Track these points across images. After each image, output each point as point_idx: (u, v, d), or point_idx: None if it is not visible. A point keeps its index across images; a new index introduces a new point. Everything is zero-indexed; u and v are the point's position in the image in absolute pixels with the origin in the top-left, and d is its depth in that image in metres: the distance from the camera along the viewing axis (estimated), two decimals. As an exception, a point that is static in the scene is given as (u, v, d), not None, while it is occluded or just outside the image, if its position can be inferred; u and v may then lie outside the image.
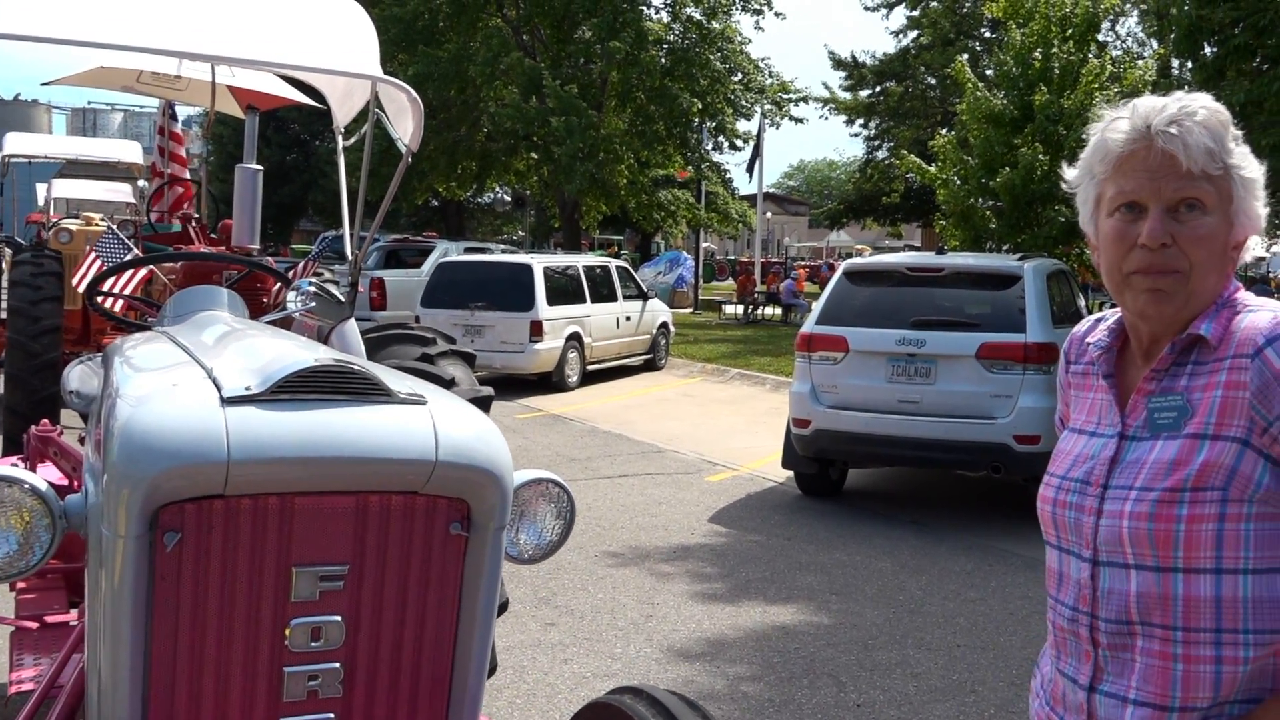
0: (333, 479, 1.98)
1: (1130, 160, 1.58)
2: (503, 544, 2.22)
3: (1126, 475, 1.59)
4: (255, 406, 1.96)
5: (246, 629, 1.99)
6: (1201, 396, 1.55)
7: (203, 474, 1.88)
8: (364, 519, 2.03)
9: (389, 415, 2.04)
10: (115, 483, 1.89)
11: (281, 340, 2.50)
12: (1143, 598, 1.54)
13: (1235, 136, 1.59)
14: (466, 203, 40.46)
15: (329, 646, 2.05)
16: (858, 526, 7.97)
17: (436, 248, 19.99)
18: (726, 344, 21.21)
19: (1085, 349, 1.79)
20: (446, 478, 2.05)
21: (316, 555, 2.01)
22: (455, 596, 2.16)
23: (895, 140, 35.74)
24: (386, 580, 2.08)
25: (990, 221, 17.46)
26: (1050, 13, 16.91)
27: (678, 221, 30.50)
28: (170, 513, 1.90)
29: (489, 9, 25.93)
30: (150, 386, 2.11)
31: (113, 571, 1.92)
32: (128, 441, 1.90)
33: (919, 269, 8.57)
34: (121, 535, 1.88)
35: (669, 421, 12.73)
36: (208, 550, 1.94)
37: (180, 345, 2.53)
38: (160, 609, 1.94)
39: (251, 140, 7.82)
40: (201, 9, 3.32)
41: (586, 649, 5.32)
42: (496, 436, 2.17)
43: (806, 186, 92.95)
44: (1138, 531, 1.54)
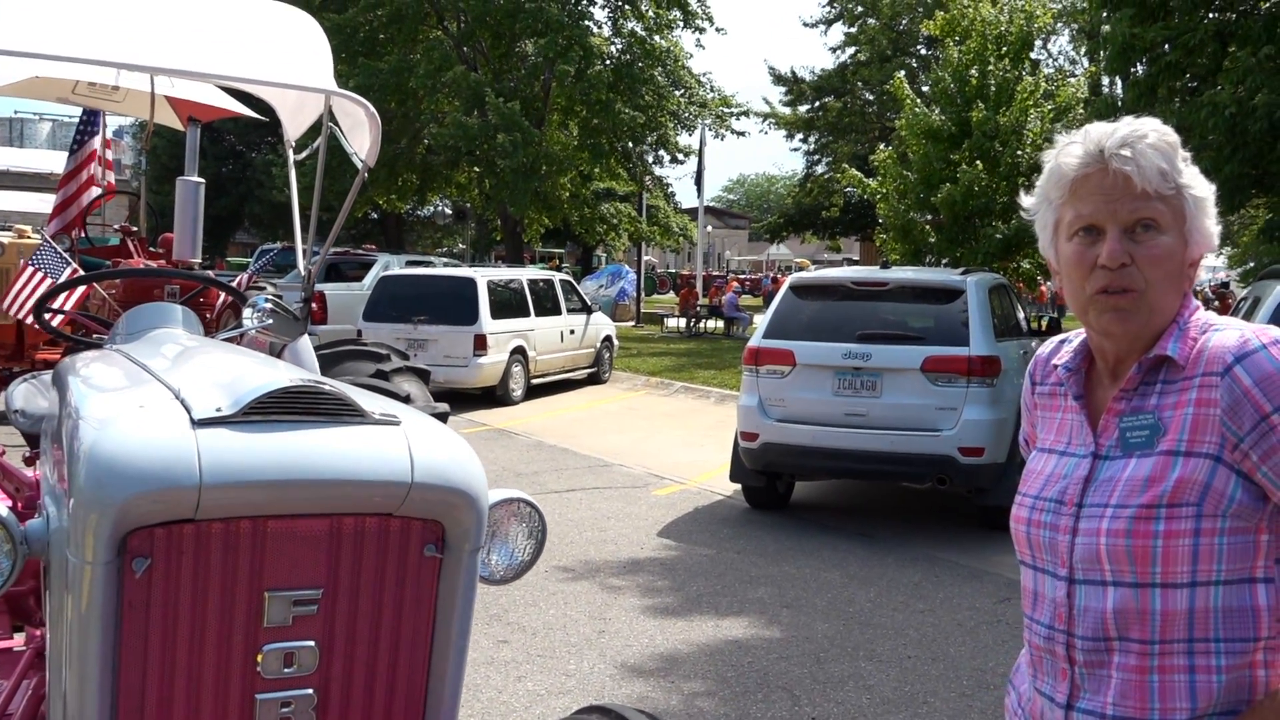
0: (307, 502, 1.94)
1: (1085, 184, 1.62)
2: (477, 566, 2.19)
3: (1101, 493, 1.61)
4: (227, 428, 1.91)
5: (218, 655, 1.94)
6: (1173, 414, 1.58)
7: (174, 498, 1.83)
8: (338, 542, 1.99)
9: (363, 436, 2.01)
10: (83, 508, 1.84)
11: (247, 359, 2.45)
12: (1120, 613, 1.56)
13: (1184, 158, 1.63)
14: (406, 215, 40.13)
15: (302, 672, 2.01)
16: (806, 539, 8.01)
17: (378, 261, 19.79)
18: (670, 357, 21.25)
19: (1051, 370, 1.81)
20: (421, 499, 2.02)
21: (289, 579, 1.97)
22: (430, 620, 2.12)
23: (834, 155, 36.16)
24: (360, 604, 2.04)
25: (929, 236, 17.72)
26: (986, 31, 17.23)
27: (620, 235, 30.53)
28: (139, 538, 1.85)
29: (429, 21, 25.80)
30: (116, 407, 2.06)
31: (79, 598, 1.86)
32: (95, 465, 1.85)
33: (864, 283, 8.65)
34: (89, 561, 1.83)
35: (615, 435, 12.72)
36: (178, 576, 1.89)
37: (140, 364, 2.46)
38: (128, 636, 1.88)
39: (193, 152, 7.70)
40: (155, 21, 3.26)
41: (540, 666, 5.28)
42: (471, 457, 2.14)
43: (746, 200, 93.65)
44: (1115, 548, 1.56)
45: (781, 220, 42.69)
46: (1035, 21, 17.55)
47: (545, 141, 23.84)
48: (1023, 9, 17.71)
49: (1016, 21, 17.31)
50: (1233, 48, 11.14)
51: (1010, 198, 16.78)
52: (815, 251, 64.05)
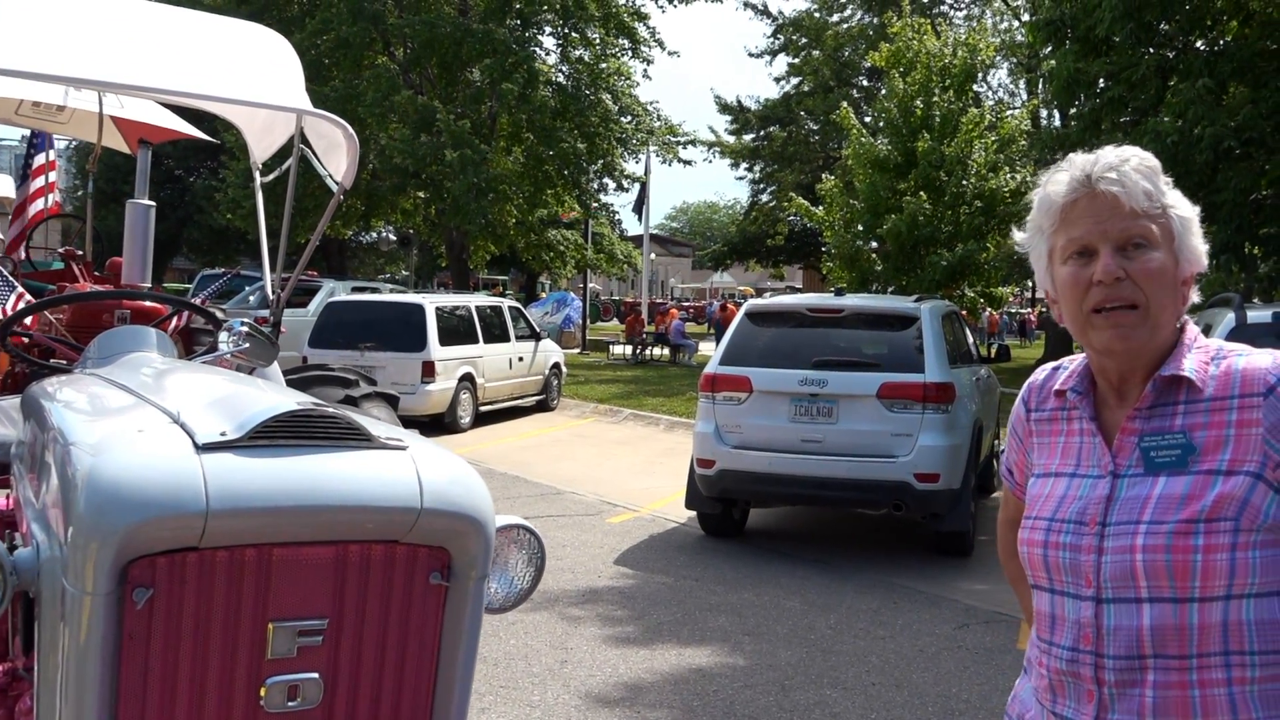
0: (315, 528, 1.88)
1: (1075, 209, 1.65)
2: (484, 594, 2.14)
3: (1128, 511, 1.61)
4: (233, 453, 1.85)
5: (220, 689, 1.87)
6: (1207, 435, 1.59)
7: (179, 525, 1.76)
8: (344, 570, 1.94)
9: (372, 461, 1.96)
10: (82, 536, 1.76)
11: (244, 383, 2.38)
12: (1158, 630, 1.56)
13: (1167, 181, 1.67)
14: (349, 241, 39.78)
15: (306, 706, 1.94)
16: (763, 566, 8.00)
17: (323, 287, 19.56)
18: (618, 384, 21.22)
19: (1048, 396, 1.83)
20: (430, 526, 1.97)
21: (295, 609, 1.90)
22: (434, 650, 2.07)
23: (779, 183, 36.48)
24: (365, 634, 1.98)
25: (876, 264, 17.92)
26: (931, 63, 17.52)
27: (566, 262, 30.50)
28: (141, 567, 1.77)
29: (375, 47, 25.67)
30: (111, 432, 1.98)
31: (78, 630, 1.78)
32: (96, 492, 1.77)
33: (819, 310, 8.69)
34: (89, 592, 1.75)
35: (566, 463, 12.64)
36: (180, 606, 1.82)
37: (125, 388, 2.38)
38: (128, 669, 1.81)
39: (144, 175, 7.54)
40: (123, 39, 3.19)
41: (504, 697, 5.20)
42: (479, 483, 2.09)
43: (690, 228, 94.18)
44: (1154, 564, 1.56)
45: (725, 248, 42.96)
46: (978, 55, 17.90)
47: (492, 165, 23.77)
48: (966, 42, 18.06)
49: (960, 54, 17.63)
50: (1173, 81, 11.43)
51: (955, 227, 17.06)
52: (759, 279, 64.52)
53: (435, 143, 22.95)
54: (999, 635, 6.44)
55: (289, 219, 3.70)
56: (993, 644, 6.27)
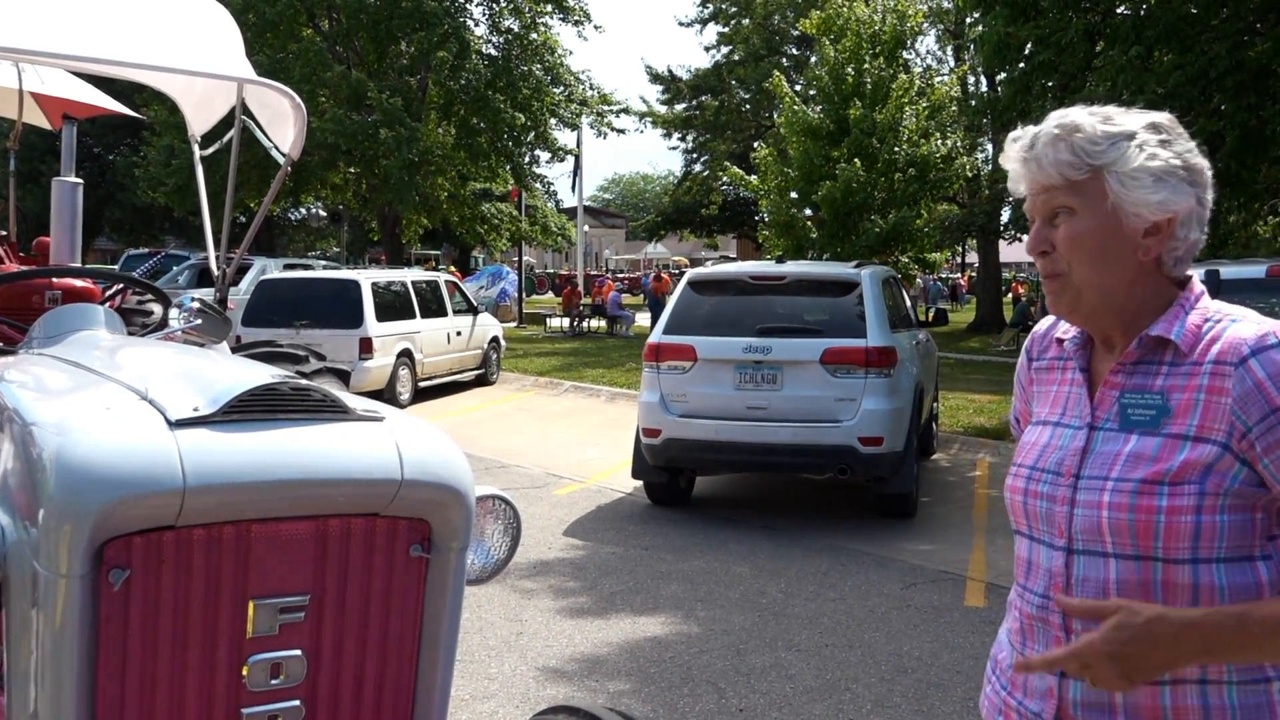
0: (294, 503, 1.84)
1: (1024, 180, 1.71)
2: (465, 565, 2.11)
3: (1099, 465, 1.64)
4: (208, 429, 1.80)
5: (201, 669, 1.83)
6: (1181, 398, 1.61)
7: (156, 504, 1.71)
8: (324, 545, 1.90)
9: (350, 433, 1.92)
10: (54, 517, 1.70)
11: (209, 359, 2.31)
12: (1122, 584, 1.59)
13: (1106, 135, 1.62)
14: (279, 218, 39.10)
15: (290, 683, 1.91)
16: (711, 533, 8.04)
17: (254, 264, 19.23)
18: (556, 357, 21.16)
19: (1050, 344, 1.85)
20: (410, 498, 1.94)
21: (275, 586, 1.86)
22: (416, 622, 2.04)
23: (712, 153, 36.50)
24: (347, 609, 1.95)
25: (811, 231, 18.02)
26: (861, 30, 17.60)
27: (500, 235, 30.28)
28: (116, 548, 1.72)
29: (299, 19, 25.16)
30: (76, 411, 1.92)
31: (52, 614, 1.73)
32: (67, 472, 1.71)
33: (761, 277, 8.72)
34: (63, 574, 1.70)
35: (509, 436, 12.59)
36: (158, 587, 1.77)
37: (82, 366, 2.30)
38: (106, 652, 1.76)
39: (69, 152, 7.31)
40: (49, 7, 3.07)
41: (461, 670, 5.16)
42: (457, 453, 2.06)
43: (622, 199, 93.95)
44: (1118, 522, 1.58)
45: (659, 219, 42.94)
46: (907, 21, 18.01)
47: (424, 139, 23.48)
48: (895, 9, 18.16)
49: (890, 21, 17.73)
50: (1100, 46, 11.57)
51: (889, 193, 17.20)
52: (692, 249, 64.61)
53: (367, 121, 22.60)
54: (946, 594, 6.55)
55: (231, 194, 3.62)
56: (940, 602, 6.37)
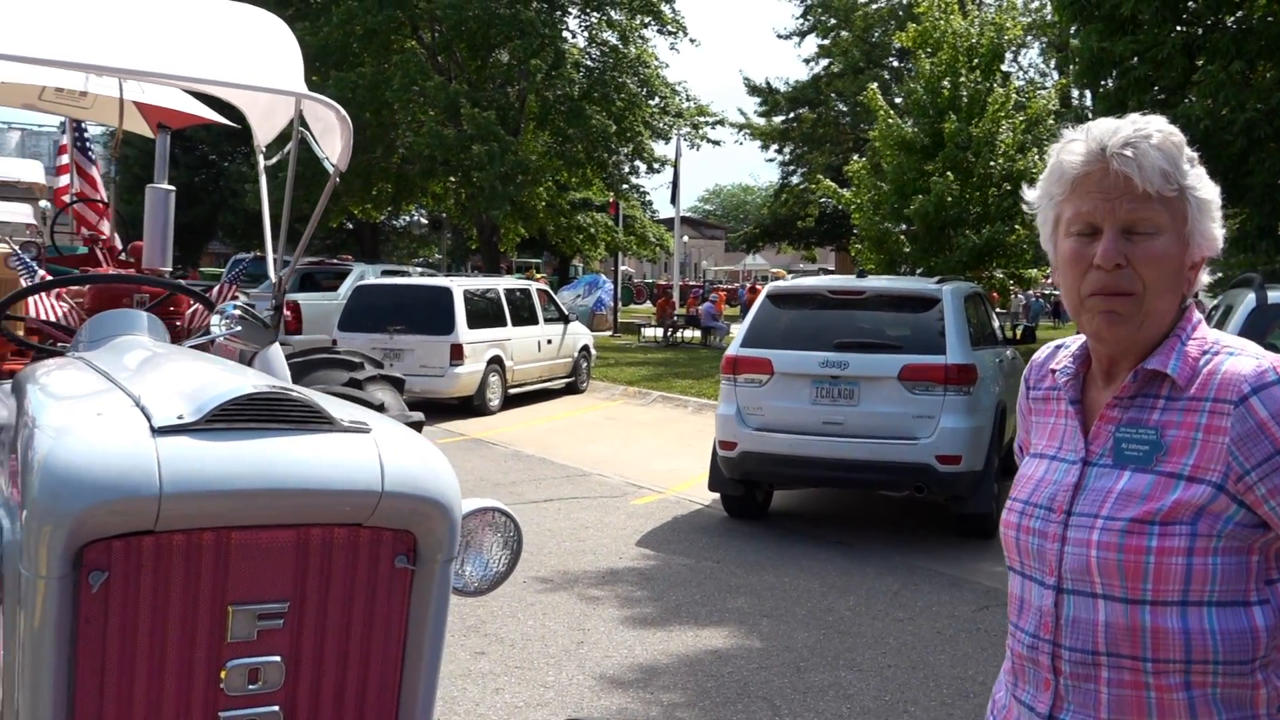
0: (272, 512, 1.88)
1: (1086, 182, 1.58)
2: (450, 577, 2.13)
3: (1090, 503, 1.58)
4: (189, 436, 1.85)
5: (179, 672, 1.87)
6: (1176, 434, 1.54)
7: (132, 509, 1.76)
8: (305, 553, 1.93)
9: (331, 444, 1.95)
10: (36, 519, 1.76)
11: (212, 366, 2.38)
12: (1111, 628, 1.53)
13: (1190, 158, 1.58)
14: (382, 225, 39.96)
15: (268, 689, 1.94)
16: (785, 548, 7.98)
17: (353, 270, 19.66)
18: (647, 367, 21.22)
19: (1046, 374, 1.79)
20: (392, 509, 1.97)
21: (254, 593, 1.90)
22: (401, 633, 2.07)
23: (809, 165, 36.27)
24: (329, 618, 1.98)
25: (904, 246, 17.78)
26: (958, 43, 17.32)
27: (596, 245, 30.49)
28: (96, 551, 1.77)
29: (403, 31, 25.73)
30: (72, 416, 1.99)
31: (32, 614, 1.79)
32: (49, 475, 1.77)
33: (841, 292, 8.65)
34: (43, 575, 1.75)
35: (593, 445, 12.66)
36: (137, 590, 1.82)
37: (101, 372, 2.39)
38: (84, 654, 1.81)
39: (163, 160, 7.60)
40: (122, 24, 3.20)
41: (518, 678, 5.22)
42: (444, 465, 2.09)
43: (723, 210, 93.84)
44: (1106, 561, 1.53)
45: (757, 230, 42.77)
46: (1005, 34, 17.68)
47: (520, 150, 23.80)
48: (993, 22, 17.84)
49: (987, 34, 17.43)
50: (1201, 60, 11.21)
51: (983, 208, 16.88)
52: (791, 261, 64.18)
53: (461, 134, 22.99)
54: (1019, 618, 6.40)
55: (289, 202, 3.72)
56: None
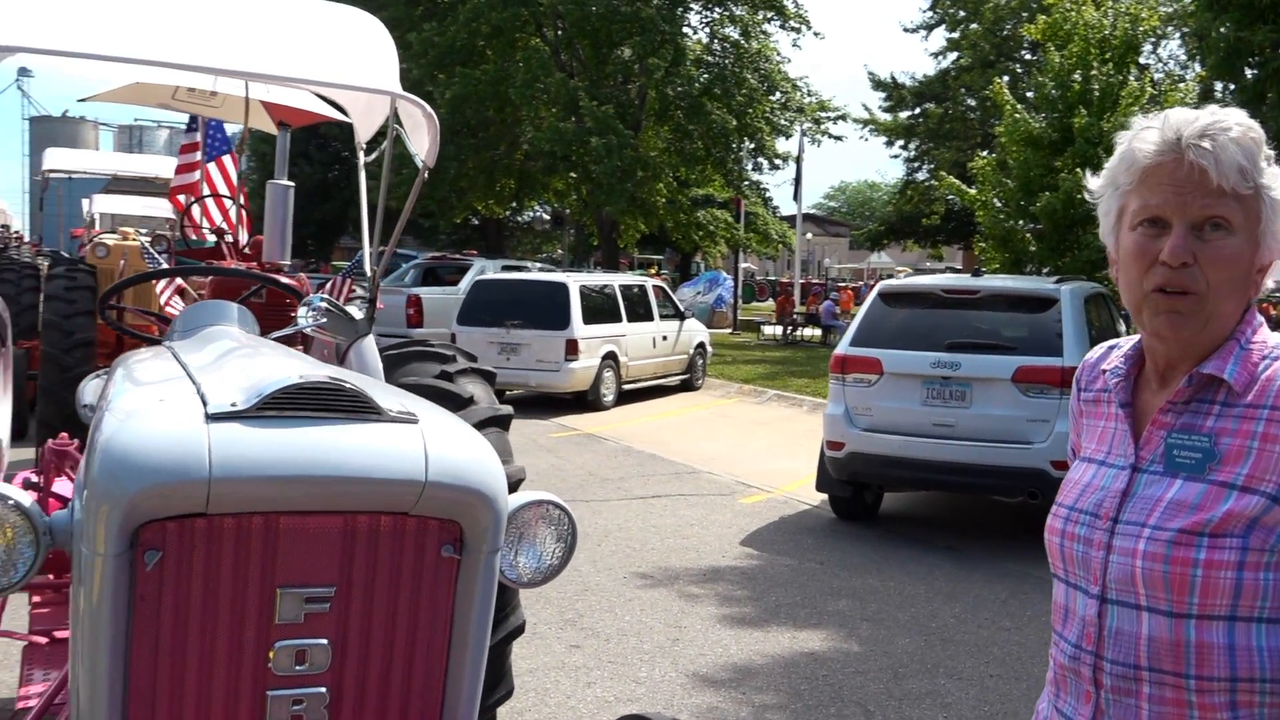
0: (318, 498, 1.93)
1: (1157, 173, 1.51)
2: (496, 567, 2.16)
3: (1138, 511, 1.51)
4: (239, 423, 1.92)
5: (229, 651, 1.94)
6: (1231, 443, 1.47)
7: (183, 492, 1.83)
8: (351, 540, 1.98)
9: (378, 434, 2.00)
10: (95, 499, 1.86)
11: (277, 357, 2.45)
12: (1154, 642, 1.47)
13: (1268, 156, 1.51)
14: (506, 221, 40.58)
15: (314, 670, 1.99)
16: (892, 552, 7.84)
17: (474, 265, 20.02)
18: (765, 365, 21.09)
19: (1098, 376, 1.72)
20: (437, 498, 2.00)
21: (302, 576, 1.96)
22: (447, 621, 2.10)
23: (935, 162, 35.54)
24: (375, 603, 2.02)
25: (1030, 244, 17.26)
26: (1089, 35, 16.73)
27: (716, 241, 30.42)
28: (151, 531, 1.85)
29: (527, 29, 26.08)
30: (138, 401, 2.08)
31: (91, 590, 1.88)
32: (108, 458, 1.86)
33: (954, 291, 8.45)
34: (100, 553, 1.84)
35: (704, 442, 12.64)
36: (189, 570, 1.89)
37: (179, 361, 2.49)
38: (140, 629, 1.89)
39: (283, 156, 7.84)
40: (224, 26, 3.31)
41: (611, 672, 5.24)
42: (490, 457, 2.11)
43: (848, 208, 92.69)
44: (1152, 573, 1.46)
45: (882, 228, 42.08)
46: (1140, 25, 16.99)
47: (640, 146, 23.92)
48: (1127, 12, 17.17)
49: (1121, 25, 16.78)
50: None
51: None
52: (917, 259, 63.03)
53: (580, 128, 23.22)
54: (1133, 631, 6.16)
55: (384, 196, 3.81)
56: (1125, 640, 6.00)
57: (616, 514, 8.63)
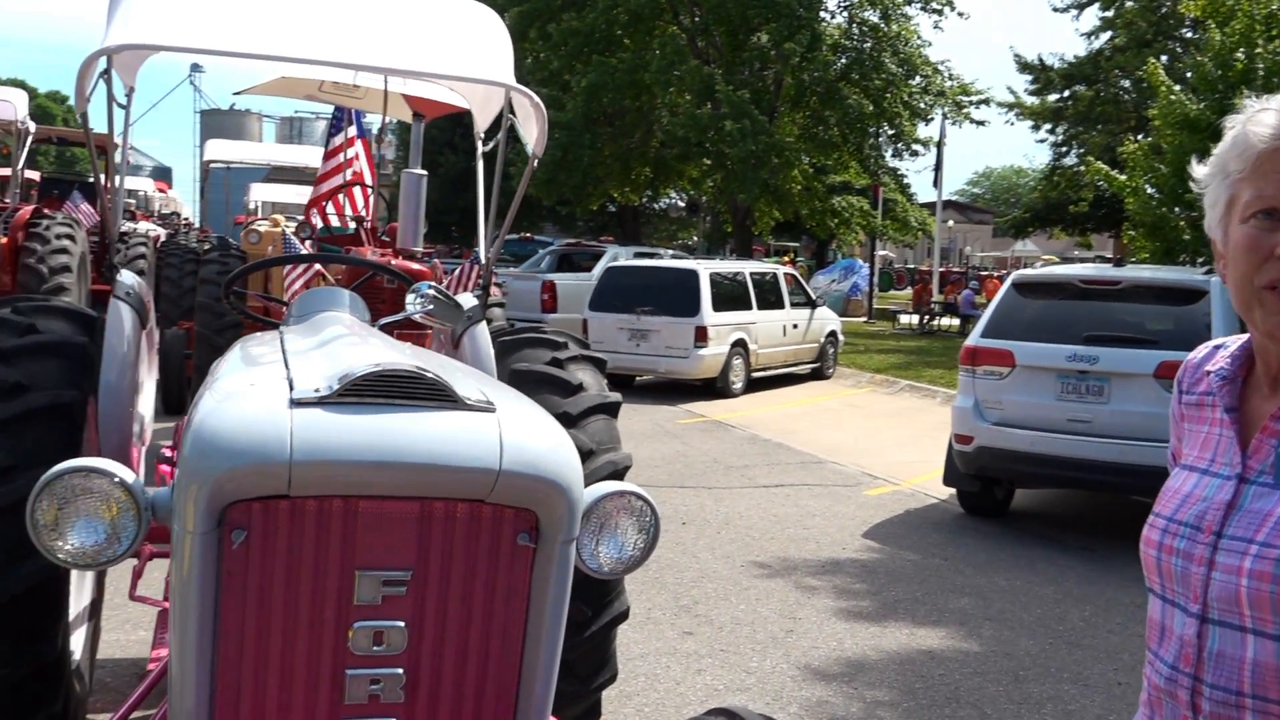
0: (394, 483, 1.98)
1: (1273, 159, 1.40)
2: (571, 557, 2.17)
3: (1245, 525, 1.40)
4: (321, 409, 1.98)
5: (310, 629, 2.00)
6: None
7: (265, 474, 1.91)
8: (428, 525, 2.02)
9: (454, 421, 2.03)
10: (185, 478, 1.95)
11: (369, 345, 2.52)
12: (1259, 667, 1.36)
13: None
14: (642, 208, 40.77)
15: (391, 651, 2.05)
16: (1021, 550, 7.63)
17: (607, 252, 20.20)
18: (898, 355, 20.72)
19: (1201, 377, 1.61)
20: (511, 487, 2.03)
21: (379, 559, 2.01)
22: (523, 608, 2.13)
23: (1085, 146, 34.22)
24: (451, 588, 2.06)
25: (1184, 233, 16.49)
26: (1254, 10, 15.86)
27: (852, 229, 29.97)
28: (238, 510, 1.93)
29: (664, 16, 26.12)
30: (233, 385, 2.17)
31: (182, 565, 1.97)
32: (198, 439, 1.95)
33: (1094, 281, 8.15)
34: (190, 531, 1.93)
35: (832, 432, 12.50)
36: (273, 549, 1.96)
37: (282, 346, 2.59)
38: (228, 604, 1.97)
39: (417, 146, 8.07)
40: (349, 22, 3.43)
41: (721, 661, 5.24)
42: (567, 446, 2.13)
43: (992, 194, 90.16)
44: (1258, 594, 1.35)
45: (1027, 215, 40.72)
46: (1315, -2, 16.03)
47: (776, 132, 23.71)
48: (1299, -15, 16.22)
49: (1291, -1, 15.87)
50: None
51: None
52: (1065, 248, 60.90)
53: (716, 114, 23.15)
54: (1277, 642, 5.86)
55: (497, 187, 3.87)
56: (1267, 651, 5.71)
57: (739, 502, 8.61)
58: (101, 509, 2.03)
